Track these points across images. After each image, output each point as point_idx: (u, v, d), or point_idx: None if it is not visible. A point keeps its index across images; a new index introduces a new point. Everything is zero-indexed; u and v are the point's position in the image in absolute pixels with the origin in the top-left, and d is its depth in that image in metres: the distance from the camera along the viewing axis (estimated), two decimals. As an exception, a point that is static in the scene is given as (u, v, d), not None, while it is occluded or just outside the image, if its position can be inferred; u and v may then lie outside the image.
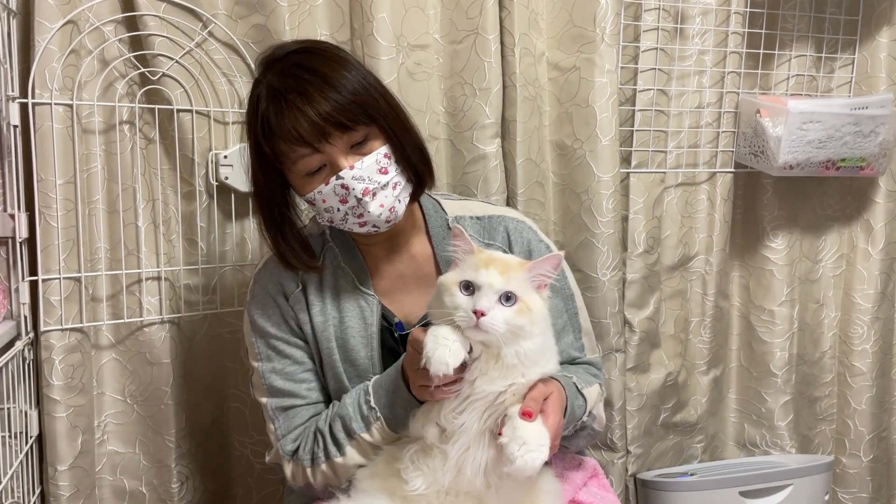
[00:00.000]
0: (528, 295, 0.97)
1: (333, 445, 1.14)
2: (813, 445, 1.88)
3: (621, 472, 1.69)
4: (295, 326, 1.21)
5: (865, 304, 1.81)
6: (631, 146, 1.65)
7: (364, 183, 1.09)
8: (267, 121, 1.08)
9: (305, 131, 1.06)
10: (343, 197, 1.10)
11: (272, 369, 1.21)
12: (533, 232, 1.26)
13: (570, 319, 1.26)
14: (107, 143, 1.41)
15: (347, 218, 1.12)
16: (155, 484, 1.50)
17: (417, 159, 1.15)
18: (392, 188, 1.12)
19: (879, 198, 1.80)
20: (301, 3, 1.47)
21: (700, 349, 1.78)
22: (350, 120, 1.07)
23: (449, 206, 1.27)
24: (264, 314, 1.21)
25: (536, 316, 0.98)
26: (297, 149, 1.08)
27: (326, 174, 1.10)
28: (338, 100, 1.06)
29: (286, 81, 1.08)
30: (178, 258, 1.48)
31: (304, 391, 1.20)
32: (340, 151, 1.09)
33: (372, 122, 1.10)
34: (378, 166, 1.10)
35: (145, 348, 1.46)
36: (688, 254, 1.74)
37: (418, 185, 1.17)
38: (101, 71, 1.39)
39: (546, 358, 1.03)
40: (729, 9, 1.65)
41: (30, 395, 1.37)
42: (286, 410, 1.20)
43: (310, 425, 1.19)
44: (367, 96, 1.09)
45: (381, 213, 1.11)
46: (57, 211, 1.34)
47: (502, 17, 1.53)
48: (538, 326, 0.99)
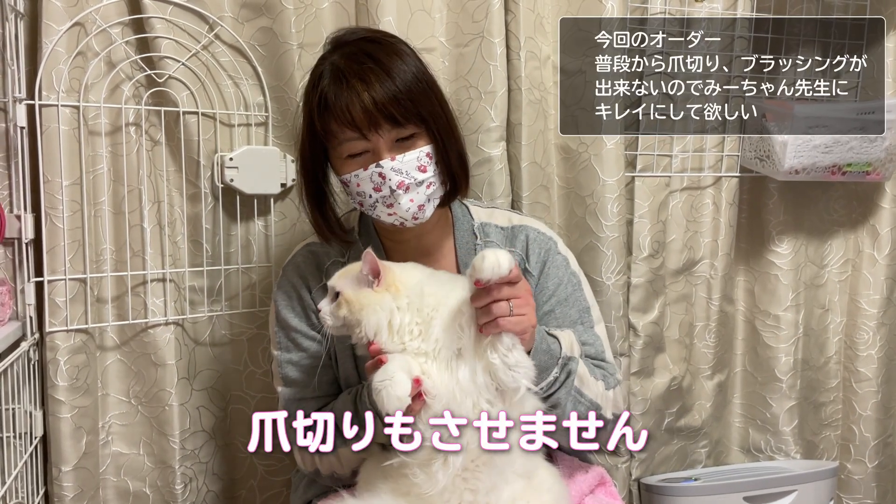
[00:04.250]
0: (358, 296, 1.05)
1: (339, 437, 1.15)
2: (818, 451, 1.87)
3: (625, 477, 1.68)
4: (315, 321, 1.22)
5: (871, 309, 1.81)
6: (636, 150, 1.64)
7: (401, 176, 1.13)
8: (325, 97, 1.12)
9: (358, 116, 1.10)
10: (378, 185, 1.13)
11: (289, 360, 1.25)
12: (553, 243, 1.28)
13: (584, 332, 1.25)
14: (113, 145, 1.42)
15: (377, 205, 1.16)
16: (159, 485, 1.50)
17: (457, 165, 1.19)
18: (426, 187, 1.15)
19: (886, 203, 1.79)
20: (307, 6, 1.47)
21: (705, 354, 1.78)
22: (402, 115, 1.11)
23: (477, 213, 1.30)
24: (288, 305, 1.25)
25: (354, 305, 1.05)
26: (346, 131, 1.12)
27: (367, 160, 1.14)
28: (395, 94, 1.10)
29: (351, 65, 1.12)
30: (183, 260, 1.49)
31: (315, 384, 1.24)
32: (386, 143, 1.12)
33: (422, 123, 1.13)
34: (418, 163, 1.14)
35: (150, 350, 1.46)
36: (693, 258, 1.73)
37: (452, 190, 1.20)
38: (108, 73, 1.40)
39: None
40: (735, 13, 1.65)
41: (34, 395, 1.37)
42: (298, 402, 1.23)
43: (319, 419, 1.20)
44: (422, 96, 1.13)
45: (410, 209, 1.15)
46: (63, 212, 1.34)
47: (508, 21, 1.53)
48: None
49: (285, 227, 1.53)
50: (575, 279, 1.28)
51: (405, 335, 1.03)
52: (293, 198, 1.53)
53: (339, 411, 1.17)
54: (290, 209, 1.53)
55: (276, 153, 1.49)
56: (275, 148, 1.50)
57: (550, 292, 1.25)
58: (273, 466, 1.59)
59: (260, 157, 1.48)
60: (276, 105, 1.49)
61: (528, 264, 1.26)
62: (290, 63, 1.46)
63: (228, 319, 1.54)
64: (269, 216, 1.52)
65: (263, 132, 1.50)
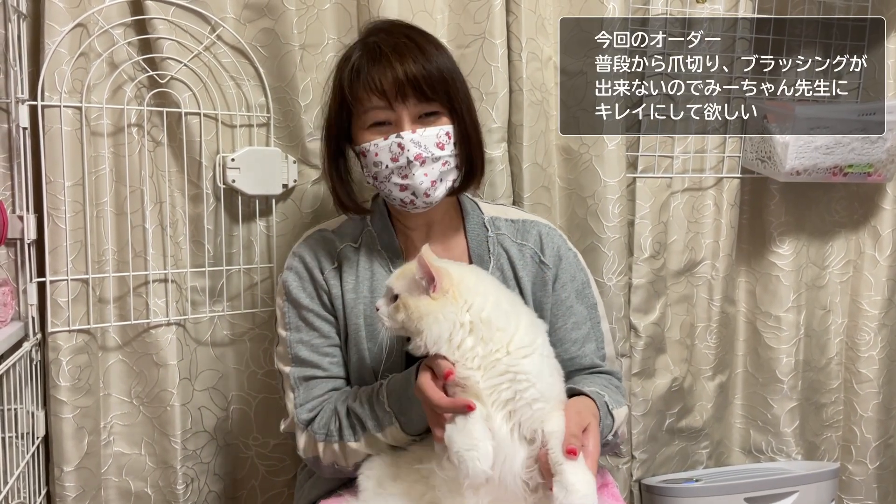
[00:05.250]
0: (411, 296, 1.04)
1: (348, 429, 1.16)
2: (819, 452, 1.87)
3: (626, 478, 1.68)
4: (327, 301, 1.24)
5: (872, 310, 1.81)
6: (637, 151, 1.64)
7: (419, 149, 1.15)
8: (357, 69, 1.16)
9: (388, 84, 1.13)
10: (395, 155, 1.16)
11: (300, 340, 1.24)
12: (563, 240, 1.32)
13: (592, 328, 1.29)
14: (115, 146, 1.42)
15: (391, 177, 1.17)
16: (160, 485, 1.50)
17: (475, 151, 1.21)
18: (442, 164, 1.17)
19: (887, 204, 1.79)
20: (309, 7, 1.48)
21: (706, 355, 1.78)
22: (430, 89, 1.14)
23: (485, 208, 1.32)
24: (300, 285, 1.25)
25: (413, 313, 1.03)
26: (374, 98, 1.15)
27: (388, 131, 1.16)
28: (426, 68, 1.14)
29: (386, 40, 1.16)
30: (185, 260, 1.49)
31: (326, 364, 1.23)
32: (409, 116, 1.15)
33: (448, 102, 1.17)
34: (437, 139, 1.16)
35: (152, 350, 1.46)
36: (694, 259, 1.74)
37: (466, 176, 1.22)
38: (110, 74, 1.40)
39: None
40: (736, 14, 1.65)
41: (36, 396, 1.37)
42: (307, 381, 1.22)
43: (328, 400, 1.21)
44: (451, 78, 1.17)
45: (423, 183, 1.16)
46: (65, 213, 1.34)
47: (509, 22, 1.53)
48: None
49: (287, 228, 1.53)
50: (584, 275, 1.32)
51: (467, 360, 1.01)
52: (295, 198, 1.53)
53: (353, 405, 1.17)
54: (292, 210, 1.53)
55: (277, 154, 1.49)
56: (276, 149, 1.50)
57: (568, 285, 1.28)
58: (274, 467, 1.59)
59: (262, 157, 1.48)
60: (278, 106, 1.49)
61: (543, 257, 1.28)
62: (292, 64, 1.46)
63: (230, 320, 1.54)
64: (270, 217, 1.52)
65: (265, 133, 1.51)
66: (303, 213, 1.53)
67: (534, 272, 1.27)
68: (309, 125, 1.50)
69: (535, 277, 1.27)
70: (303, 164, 1.52)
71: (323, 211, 1.53)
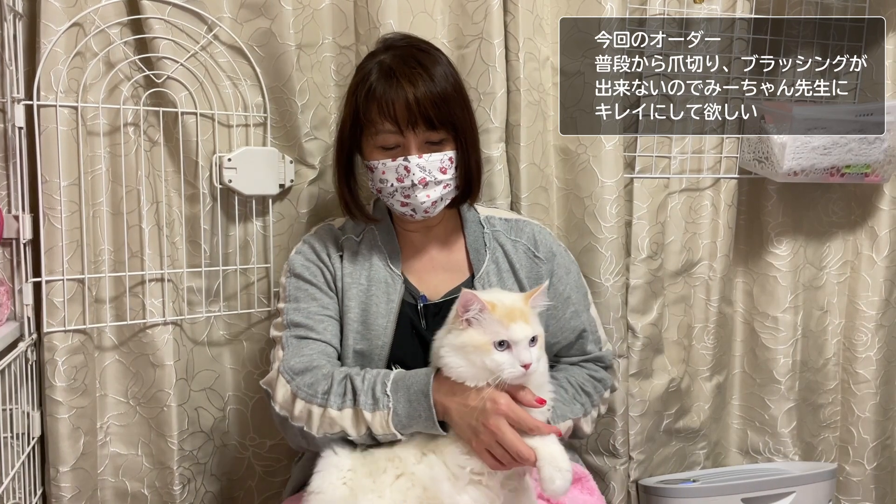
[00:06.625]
0: (539, 328, 1.11)
1: (337, 396, 1.16)
2: (816, 453, 1.87)
3: (623, 479, 1.68)
4: (330, 279, 1.32)
5: (870, 311, 1.81)
6: (635, 151, 1.64)
7: (423, 173, 1.25)
8: (373, 88, 1.23)
9: (400, 111, 1.21)
10: (401, 176, 1.25)
11: (296, 308, 1.29)
12: (553, 238, 1.42)
13: (587, 315, 1.40)
14: (111, 146, 1.42)
15: (395, 194, 1.27)
16: (157, 486, 1.50)
17: (474, 174, 1.30)
18: (443, 187, 1.27)
19: (884, 205, 1.79)
20: (305, 7, 1.47)
21: (703, 355, 1.78)
22: (438, 119, 1.23)
23: (480, 209, 1.42)
24: (305, 265, 1.32)
25: (543, 340, 1.12)
26: (385, 122, 1.23)
27: (396, 154, 1.25)
28: (435, 98, 1.22)
29: (401, 66, 1.23)
30: (181, 260, 1.49)
31: (321, 329, 1.27)
32: (417, 143, 1.24)
33: (452, 130, 1.25)
34: (441, 164, 1.26)
35: (148, 350, 1.46)
36: (691, 259, 1.73)
37: (463, 194, 1.32)
38: (106, 73, 1.40)
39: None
40: (734, 14, 1.65)
41: (32, 396, 1.37)
42: (300, 339, 1.26)
43: (320, 364, 1.21)
44: (456, 104, 1.26)
45: (424, 203, 1.26)
46: (61, 212, 1.34)
47: (507, 22, 1.53)
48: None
49: (283, 228, 1.53)
50: (576, 266, 1.43)
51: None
52: (291, 198, 1.53)
53: (353, 375, 1.17)
54: (289, 210, 1.53)
55: (274, 154, 1.49)
56: (273, 149, 1.50)
57: (564, 278, 1.38)
58: (271, 467, 1.59)
59: (258, 157, 1.48)
60: (275, 106, 1.49)
61: (537, 252, 1.37)
62: (289, 64, 1.46)
63: (226, 320, 1.54)
64: (267, 217, 1.52)
65: (262, 133, 1.50)
66: (299, 213, 1.53)
67: (528, 266, 1.36)
68: (306, 125, 1.50)
69: (529, 271, 1.36)
70: (299, 163, 1.52)
71: (320, 211, 1.54)
